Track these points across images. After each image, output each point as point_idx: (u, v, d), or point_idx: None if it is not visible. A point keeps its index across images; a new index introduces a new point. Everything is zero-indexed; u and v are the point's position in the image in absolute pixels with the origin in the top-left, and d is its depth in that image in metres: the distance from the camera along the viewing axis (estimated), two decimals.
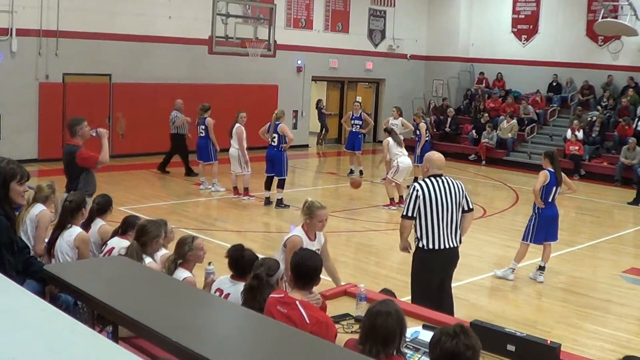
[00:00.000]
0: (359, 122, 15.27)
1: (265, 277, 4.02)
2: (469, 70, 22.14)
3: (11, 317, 1.80)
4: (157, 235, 4.68)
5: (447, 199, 5.47)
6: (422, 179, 5.63)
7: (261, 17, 15.96)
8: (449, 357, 2.76)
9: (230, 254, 4.50)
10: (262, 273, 4.04)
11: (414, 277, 5.75)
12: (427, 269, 5.60)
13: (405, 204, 5.56)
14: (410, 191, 5.52)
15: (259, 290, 3.97)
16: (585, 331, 6.50)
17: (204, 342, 2.57)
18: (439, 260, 5.56)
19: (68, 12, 14.44)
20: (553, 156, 8.01)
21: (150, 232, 4.64)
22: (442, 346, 2.77)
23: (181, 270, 4.59)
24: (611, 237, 10.71)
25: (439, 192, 5.46)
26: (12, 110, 14.04)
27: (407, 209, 5.51)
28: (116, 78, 15.67)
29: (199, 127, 12.59)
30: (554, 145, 16.95)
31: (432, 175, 5.55)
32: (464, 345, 2.74)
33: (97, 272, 3.67)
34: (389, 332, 3.11)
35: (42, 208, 5.60)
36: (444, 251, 5.52)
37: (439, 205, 5.44)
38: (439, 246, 5.49)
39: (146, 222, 4.79)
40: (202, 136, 12.56)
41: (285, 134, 11.29)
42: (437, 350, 2.80)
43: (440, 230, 5.46)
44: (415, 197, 5.45)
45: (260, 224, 10.70)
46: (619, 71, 18.51)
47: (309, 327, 3.46)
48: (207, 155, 12.52)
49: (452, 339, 2.75)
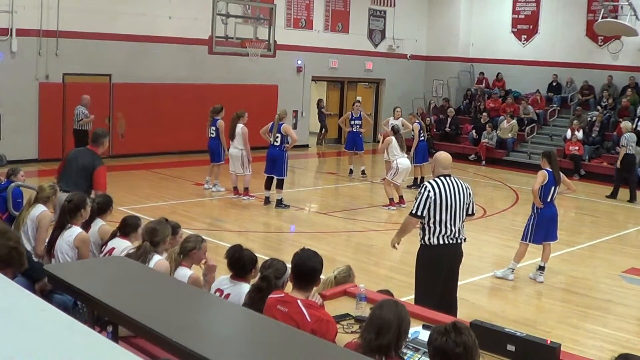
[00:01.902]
0: (359, 122, 15.28)
1: (273, 279, 4.04)
2: (469, 70, 22.14)
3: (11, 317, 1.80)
4: (167, 235, 4.78)
5: (456, 199, 5.55)
6: (433, 179, 5.64)
7: (261, 17, 15.96)
8: (440, 354, 2.80)
9: (229, 255, 4.51)
10: (270, 275, 4.06)
11: (420, 274, 5.77)
12: (435, 264, 5.64)
13: (416, 202, 5.57)
14: (422, 190, 5.56)
15: (267, 292, 3.98)
16: (585, 331, 6.50)
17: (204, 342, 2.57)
18: (445, 255, 5.63)
19: (68, 12, 14.44)
20: (551, 156, 8.01)
21: (161, 233, 4.70)
22: (434, 343, 2.82)
23: (183, 268, 4.64)
24: (611, 237, 10.70)
25: (449, 192, 5.52)
26: (12, 110, 14.05)
27: (417, 207, 5.54)
28: (116, 78, 15.67)
29: (210, 129, 12.47)
30: (554, 145, 16.96)
31: (442, 175, 5.59)
32: (454, 342, 2.76)
33: (97, 272, 3.67)
34: (383, 322, 3.11)
35: (43, 209, 5.61)
36: (450, 246, 5.60)
37: (448, 205, 5.50)
38: (445, 241, 5.56)
39: (154, 224, 4.82)
40: (213, 137, 12.41)
41: (289, 134, 11.28)
42: (430, 347, 2.86)
43: (447, 228, 5.54)
44: (427, 197, 5.49)
45: (260, 224, 10.70)
46: (619, 71, 18.51)
47: (310, 325, 3.46)
48: (218, 156, 12.44)
49: (442, 336, 2.79)
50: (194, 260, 4.81)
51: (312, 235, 9.88)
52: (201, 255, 4.80)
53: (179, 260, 4.70)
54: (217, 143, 12.34)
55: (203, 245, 4.82)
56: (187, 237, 4.94)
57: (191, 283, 4.53)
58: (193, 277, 4.63)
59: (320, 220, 11.09)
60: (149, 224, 4.81)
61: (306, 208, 12.16)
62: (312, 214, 11.79)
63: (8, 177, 6.97)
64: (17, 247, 3.29)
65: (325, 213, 11.47)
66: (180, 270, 4.65)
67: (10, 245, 3.25)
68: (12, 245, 3.26)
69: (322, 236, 9.89)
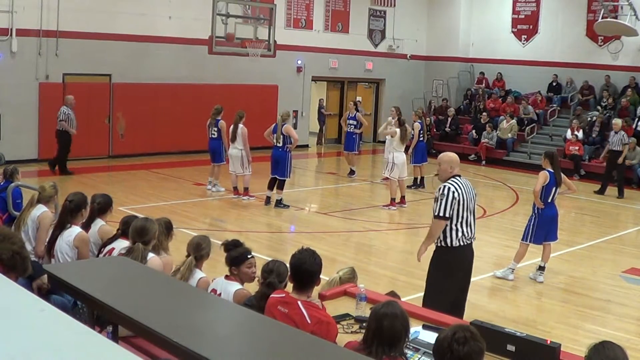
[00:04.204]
0: (354, 122, 15.30)
1: (277, 285, 4.03)
2: (469, 71, 22.14)
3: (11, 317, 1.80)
4: (155, 230, 4.69)
5: (472, 199, 5.58)
6: (452, 179, 5.52)
7: (261, 17, 15.96)
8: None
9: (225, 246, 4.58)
10: (275, 281, 4.04)
11: (436, 275, 5.63)
12: (455, 266, 5.59)
13: (441, 204, 5.42)
14: (445, 191, 5.43)
15: None
16: (585, 331, 6.50)
17: (204, 342, 2.57)
18: (466, 256, 5.63)
19: (68, 12, 14.45)
20: (553, 157, 8.02)
21: (149, 230, 4.64)
22: (454, 354, 2.74)
23: (196, 271, 4.64)
24: (611, 237, 10.70)
25: (467, 192, 5.53)
26: (12, 110, 14.05)
27: (444, 209, 5.40)
28: (116, 78, 15.67)
29: (211, 129, 12.47)
30: (554, 145, 16.97)
31: (456, 175, 5.55)
32: (479, 348, 2.76)
33: (97, 272, 3.67)
34: (395, 333, 3.12)
35: (43, 209, 5.60)
36: (468, 246, 5.61)
37: (468, 204, 5.50)
38: (465, 242, 5.53)
39: (141, 222, 4.73)
40: (215, 138, 12.41)
41: (291, 135, 11.29)
42: (448, 355, 2.77)
43: (468, 228, 5.52)
44: (452, 198, 5.41)
45: (260, 224, 10.70)
46: (619, 71, 18.51)
47: (310, 327, 3.46)
48: (220, 156, 12.45)
49: (463, 345, 2.75)
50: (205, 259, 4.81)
51: (312, 235, 9.88)
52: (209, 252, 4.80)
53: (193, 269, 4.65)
54: (219, 143, 12.34)
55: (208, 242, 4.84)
56: (197, 242, 4.78)
57: (200, 284, 4.54)
58: (203, 279, 4.63)
59: (320, 220, 11.09)
60: (136, 222, 4.72)
61: (306, 208, 12.16)
62: (312, 214, 11.79)
63: (7, 177, 6.95)
64: (20, 251, 3.29)
65: (325, 213, 11.47)
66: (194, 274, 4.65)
67: (14, 249, 3.25)
68: (16, 249, 3.26)
69: (322, 236, 9.89)
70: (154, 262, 4.50)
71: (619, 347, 2.95)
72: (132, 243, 4.57)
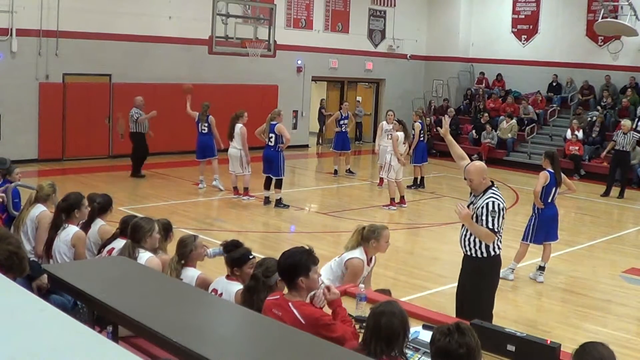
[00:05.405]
0: (346, 122, 15.33)
1: (262, 278, 4.03)
2: (469, 70, 22.14)
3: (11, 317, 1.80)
4: (150, 229, 4.69)
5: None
6: (493, 191, 5.27)
7: (261, 17, 15.96)
8: (442, 354, 2.80)
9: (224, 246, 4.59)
10: (259, 274, 4.05)
11: (488, 285, 5.53)
12: (496, 272, 5.60)
13: (496, 221, 5.15)
14: (497, 207, 5.15)
15: (256, 291, 3.98)
16: (585, 331, 6.49)
17: (204, 342, 2.57)
18: (501, 260, 5.58)
19: (68, 12, 14.44)
20: (554, 157, 8.03)
21: (143, 228, 4.64)
22: (437, 344, 2.81)
23: (189, 269, 4.64)
24: (611, 237, 10.70)
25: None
26: (12, 110, 14.04)
27: (498, 224, 5.17)
28: (116, 78, 15.67)
29: (201, 125, 12.52)
30: (554, 145, 16.95)
31: (492, 183, 5.37)
32: (457, 343, 2.76)
33: (96, 272, 3.67)
34: (392, 331, 3.12)
35: (42, 209, 5.60)
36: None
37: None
38: (501, 248, 5.44)
39: (137, 220, 4.79)
40: (205, 133, 12.49)
41: (283, 134, 11.26)
42: (433, 347, 2.85)
43: (501, 235, 5.40)
44: (504, 213, 5.25)
45: (260, 224, 10.70)
46: (619, 71, 18.51)
47: (306, 327, 3.44)
48: (211, 150, 12.49)
49: (445, 337, 2.79)
50: (197, 259, 4.82)
51: (312, 235, 9.87)
52: (200, 252, 4.80)
53: (179, 268, 4.66)
54: (210, 138, 12.46)
55: (197, 242, 4.81)
56: (180, 241, 4.81)
57: (199, 283, 4.54)
58: (201, 277, 4.64)
59: (320, 220, 11.09)
60: (133, 221, 4.77)
61: (306, 208, 12.16)
62: (312, 214, 11.79)
63: (4, 176, 6.93)
64: (17, 252, 3.29)
65: (325, 213, 11.47)
66: (185, 272, 4.65)
67: (10, 249, 3.24)
68: (12, 250, 3.25)
69: (322, 236, 9.89)
70: (152, 262, 4.50)
71: (602, 344, 2.95)
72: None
